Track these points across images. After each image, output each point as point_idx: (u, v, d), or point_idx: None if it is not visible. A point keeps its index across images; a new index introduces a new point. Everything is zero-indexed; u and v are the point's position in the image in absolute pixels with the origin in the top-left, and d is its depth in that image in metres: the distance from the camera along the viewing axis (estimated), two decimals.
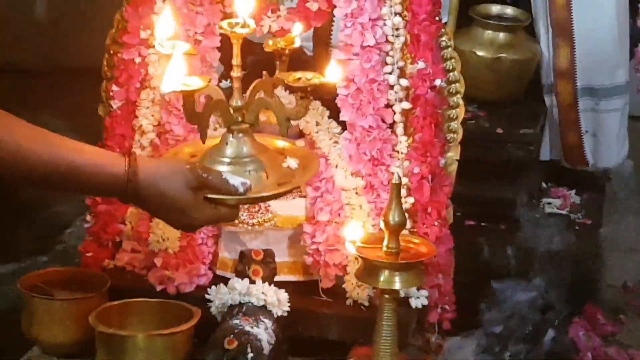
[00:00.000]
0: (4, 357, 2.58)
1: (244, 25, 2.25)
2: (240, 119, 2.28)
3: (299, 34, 2.35)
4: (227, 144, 2.28)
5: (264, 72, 2.28)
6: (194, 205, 2.20)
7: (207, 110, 2.27)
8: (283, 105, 2.28)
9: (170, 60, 2.23)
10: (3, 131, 2.09)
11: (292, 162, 2.33)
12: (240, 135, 2.28)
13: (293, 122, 2.30)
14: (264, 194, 2.27)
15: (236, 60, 2.26)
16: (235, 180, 2.22)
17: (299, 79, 2.24)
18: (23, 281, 2.60)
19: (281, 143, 2.38)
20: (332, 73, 2.26)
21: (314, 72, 2.25)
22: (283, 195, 2.32)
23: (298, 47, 3.41)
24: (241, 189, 2.22)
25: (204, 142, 2.27)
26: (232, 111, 2.28)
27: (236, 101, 2.27)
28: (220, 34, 2.64)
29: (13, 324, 2.58)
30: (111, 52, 2.71)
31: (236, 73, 2.26)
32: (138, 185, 2.14)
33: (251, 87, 2.28)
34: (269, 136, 2.38)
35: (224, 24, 2.27)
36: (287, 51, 2.32)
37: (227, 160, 2.27)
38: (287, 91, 2.52)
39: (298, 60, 3.39)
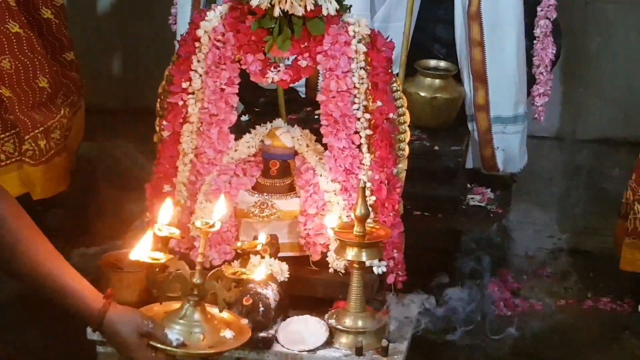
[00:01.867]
0: None
1: (211, 227, 2.17)
2: (196, 292, 2.18)
3: (262, 242, 2.33)
4: (183, 309, 2.18)
5: (222, 267, 2.20)
6: (138, 346, 2.14)
7: (168, 281, 2.19)
8: (223, 290, 2.19)
9: (144, 237, 2.16)
10: (33, 255, 2.06)
11: (227, 333, 2.21)
12: (193, 304, 2.18)
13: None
14: (193, 352, 2.16)
15: (202, 249, 2.17)
16: (172, 336, 2.14)
17: (236, 272, 2.18)
18: (103, 259, 2.59)
19: (226, 316, 2.24)
20: (259, 274, 2.22)
21: (245, 269, 2.20)
22: (209, 356, 2.20)
23: (295, 90, 3.34)
24: (174, 343, 2.14)
25: (160, 304, 2.20)
26: (190, 286, 2.17)
27: (196, 279, 2.17)
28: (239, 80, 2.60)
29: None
30: (162, 97, 2.67)
31: (200, 259, 2.16)
32: (103, 322, 2.11)
33: (210, 273, 2.19)
34: (216, 312, 2.23)
35: (199, 223, 2.18)
36: (249, 253, 2.28)
37: (179, 321, 2.17)
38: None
39: (295, 101, 3.37)
